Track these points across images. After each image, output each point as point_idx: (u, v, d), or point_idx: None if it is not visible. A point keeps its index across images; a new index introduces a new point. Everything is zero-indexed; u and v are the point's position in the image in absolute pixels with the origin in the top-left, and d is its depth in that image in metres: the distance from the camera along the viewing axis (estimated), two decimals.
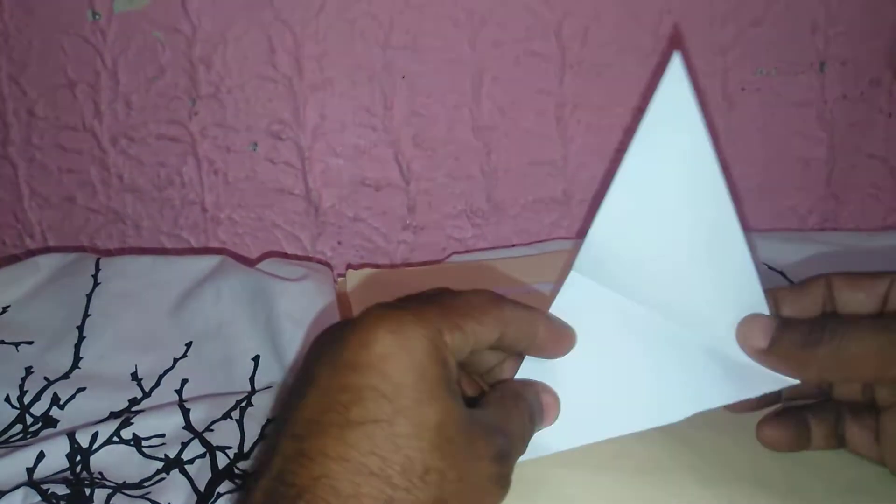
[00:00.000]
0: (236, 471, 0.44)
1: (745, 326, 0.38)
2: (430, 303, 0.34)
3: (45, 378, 0.51)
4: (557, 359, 0.40)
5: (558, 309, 0.41)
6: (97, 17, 0.66)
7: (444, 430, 0.31)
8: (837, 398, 0.41)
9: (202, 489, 0.43)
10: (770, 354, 0.37)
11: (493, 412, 0.35)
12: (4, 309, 0.57)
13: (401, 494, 0.29)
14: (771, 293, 0.39)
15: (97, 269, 0.58)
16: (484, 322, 0.35)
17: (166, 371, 0.53)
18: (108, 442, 0.46)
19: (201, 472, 0.44)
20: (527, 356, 0.40)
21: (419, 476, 0.30)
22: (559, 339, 0.39)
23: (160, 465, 0.45)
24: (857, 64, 0.69)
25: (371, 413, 0.30)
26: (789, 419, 0.41)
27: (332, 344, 0.33)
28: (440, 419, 0.31)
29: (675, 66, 0.37)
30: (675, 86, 0.37)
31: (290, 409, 0.32)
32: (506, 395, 0.37)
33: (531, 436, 0.37)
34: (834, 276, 0.39)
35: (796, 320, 0.38)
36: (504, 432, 0.34)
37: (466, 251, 0.72)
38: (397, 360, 0.31)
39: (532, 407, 0.37)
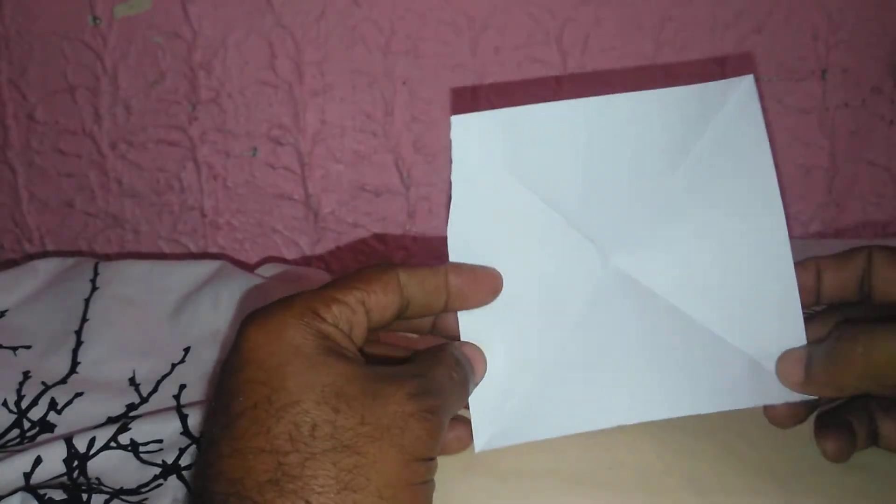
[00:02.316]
0: None
1: (781, 365, 0.39)
2: (307, 290, 0.35)
3: (43, 383, 0.51)
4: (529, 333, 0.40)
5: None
6: (98, 22, 0.66)
7: (332, 388, 0.32)
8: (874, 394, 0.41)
9: None
10: (811, 384, 0.38)
11: (410, 365, 0.36)
12: (2, 313, 0.57)
13: (291, 458, 0.30)
14: (815, 262, 0.40)
15: (95, 274, 0.58)
16: (373, 290, 0.35)
17: (164, 376, 0.52)
18: (106, 447, 0.45)
19: None
20: (462, 323, 0.39)
21: (308, 434, 0.31)
22: (476, 281, 0.39)
23: (157, 470, 0.45)
24: (859, 71, 0.69)
25: (250, 401, 0.32)
26: (842, 429, 0.40)
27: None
28: (325, 380, 0.32)
29: (749, 87, 0.40)
30: (747, 105, 0.40)
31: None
32: (427, 350, 0.38)
33: (463, 384, 0.37)
34: (876, 250, 0.39)
35: (818, 344, 0.38)
36: (422, 374, 0.34)
37: None
38: (267, 348, 0.33)
39: (455, 355, 0.37)
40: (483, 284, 0.39)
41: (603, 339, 0.40)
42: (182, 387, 0.52)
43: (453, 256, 0.40)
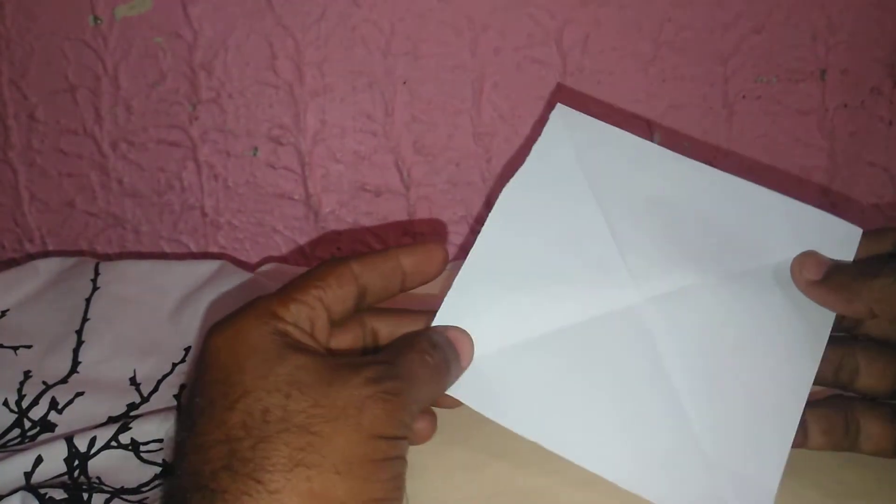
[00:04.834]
0: None
1: (802, 259, 0.40)
2: (267, 293, 0.37)
3: (44, 382, 0.51)
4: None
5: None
6: (99, 22, 0.66)
7: (286, 377, 0.33)
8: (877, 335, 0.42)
9: None
10: (823, 286, 0.39)
11: (379, 354, 0.37)
12: (3, 313, 0.57)
13: (243, 443, 0.31)
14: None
15: (96, 274, 0.58)
16: (329, 285, 0.37)
17: (165, 376, 0.53)
18: (107, 447, 0.46)
19: None
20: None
21: (259, 419, 0.32)
22: (428, 257, 0.40)
23: (158, 470, 0.45)
24: (858, 72, 0.69)
25: (207, 399, 0.33)
26: (821, 419, 0.41)
27: None
28: (279, 371, 0.33)
29: (852, 239, 0.41)
30: (842, 255, 0.40)
31: None
32: (402, 337, 0.39)
33: (440, 367, 0.37)
34: None
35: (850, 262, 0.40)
36: (386, 361, 0.35)
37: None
38: (226, 350, 0.34)
39: (433, 339, 0.38)
40: (434, 258, 0.41)
41: (592, 363, 0.40)
42: (183, 386, 0.52)
43: (496, 215, 0.42)
